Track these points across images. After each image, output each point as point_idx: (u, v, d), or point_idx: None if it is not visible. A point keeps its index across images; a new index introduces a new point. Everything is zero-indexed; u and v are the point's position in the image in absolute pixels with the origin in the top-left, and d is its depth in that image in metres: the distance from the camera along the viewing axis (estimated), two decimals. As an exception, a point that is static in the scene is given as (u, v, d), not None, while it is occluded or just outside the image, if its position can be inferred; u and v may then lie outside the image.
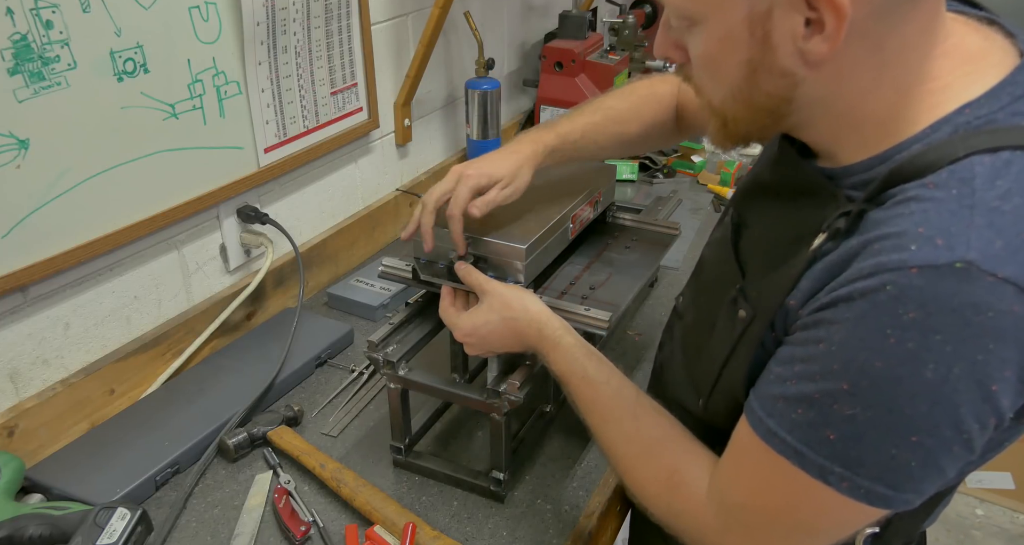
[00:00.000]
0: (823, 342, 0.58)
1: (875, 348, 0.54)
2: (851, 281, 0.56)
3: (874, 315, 0.54)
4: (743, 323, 0.69)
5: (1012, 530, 2.31)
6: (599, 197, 1.12)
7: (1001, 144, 0.55)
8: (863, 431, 0.56)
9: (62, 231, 0.97)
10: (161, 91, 1.04)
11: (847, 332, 0.56)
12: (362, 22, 1.36)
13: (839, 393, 0.57)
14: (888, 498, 0.57)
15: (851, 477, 0.57)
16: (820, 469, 0.58)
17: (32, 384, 0.99)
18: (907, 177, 0.57)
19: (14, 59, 0.87)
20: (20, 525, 0.85)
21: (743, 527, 0.67)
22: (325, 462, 0.98)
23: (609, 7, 2.15)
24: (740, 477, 0.67)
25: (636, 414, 0.77)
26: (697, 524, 0.70)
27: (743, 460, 0.66)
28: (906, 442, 0.55)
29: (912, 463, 0.56)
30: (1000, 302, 0.51)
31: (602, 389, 0.80)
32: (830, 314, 0.58)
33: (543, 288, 1.00)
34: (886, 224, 0.56)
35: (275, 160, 1.26)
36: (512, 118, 1.99)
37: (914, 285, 0.52)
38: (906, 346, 0.53)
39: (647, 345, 1.25)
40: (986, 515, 2.36)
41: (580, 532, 0.92)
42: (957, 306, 0.52)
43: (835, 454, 0.58)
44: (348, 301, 1.34)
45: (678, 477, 0.72)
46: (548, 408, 1.07)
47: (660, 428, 0.76)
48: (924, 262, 0.52)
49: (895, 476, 0.57)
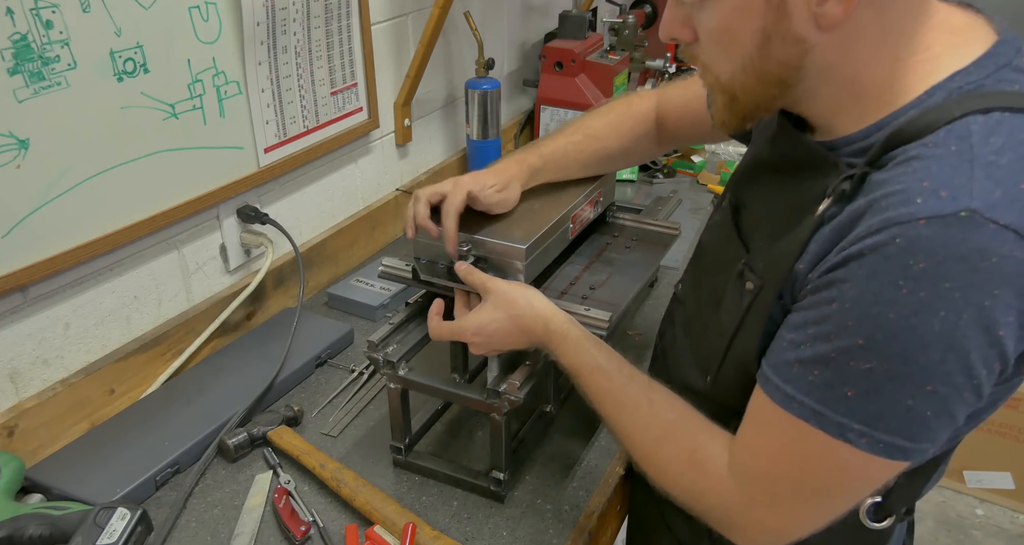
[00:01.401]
0: (836, 301, 0.60)
1: (888, 300, 0.57)
2: (860, 238, 0.58)
3: (885, 268, 0.57)
4: (751, 294, 0.71)
5: (1012, 530, 2.31)
6: (599, 197, 1.12)
7: (992, 105, 0.59)
8: (880, 385, 0.58)
9: (62, 231, 0.97)
10: (161, 91, 1.04)
11: (860, 288, 0.58)
12: (362, 22, 1.36)
13: (855, 349, 0.58)
14: (907, 450, 0.60)
15: (870, 432, 0.60)
16: (840, 427, 0.60)
17: (32, 384, 0.99)
18: (906, 139, 0.60)
19: (14, 59, 0.87)
20: (20, 525, 0.85)
21: (768, 496, 0.68)
22: (325, 462, 0.98)
23: (609, 7, 2.15)
24: (760, 447, 0.68)
25: (651, 399, 0.78)
26: (722, 500, 0.71)
27: (762, 430, 0.68)
28: (922, 392, 0.57)
29: (928, 412, 0.58)
30: (1002, 247, 0.54)
31: (615, 378, 0.80)
32: (841, 273, 0.60)
33: (543, 288, 1.00)
34: (890, 183, 0.59)
35: (275, 160, 1.26)
36: (512, 118, 1.99)
37: (923, 235, 0.55)
38: (918, 295, 0.55)
39: (647, 345, 1.25)
40: (986, 515, 2.36)
41: (580, 532, 0.92)
42: (965, 253, 0.54)
43: (853, 411, 0.60)
44: (348, 301, 1.34)
45: (699, 455, 0.72)
46: (548, 408, 1.07)
47: (675, 411, 0.77)
48: (931, 213, 0.55)
49: (912, 427, 0.59)
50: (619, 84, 1.90)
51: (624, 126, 1.05)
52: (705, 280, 0.86)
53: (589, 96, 1.81)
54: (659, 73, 2.03)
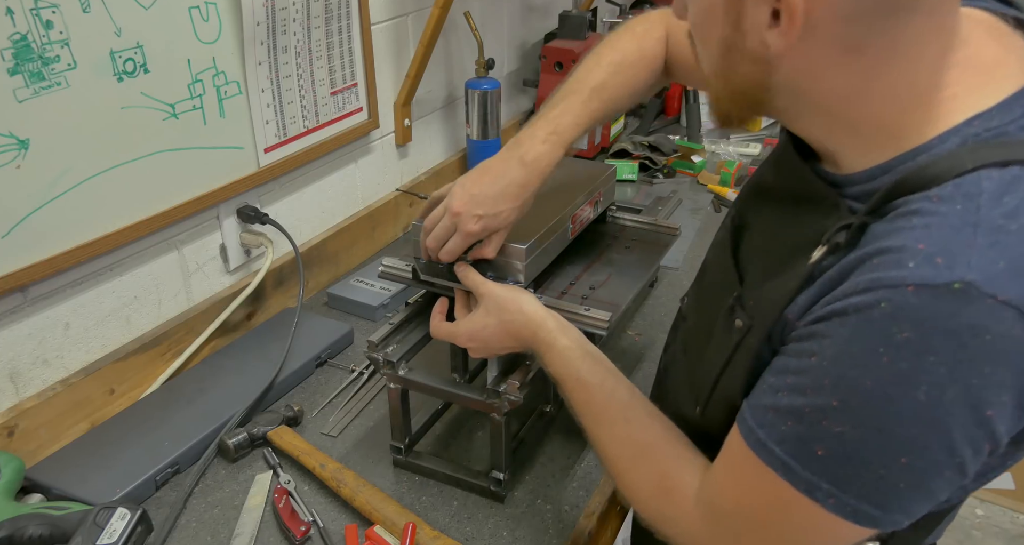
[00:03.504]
0: (815, 355, 0.56)
1: (866, 366, 0.53)
2: (846, 295, 0.55)
3: (867, 332, 0.53)
4: (740, 333, 0.68)
5: (1012, 530, 2.31)
6: (599, 197, 1.12)
7: (1011, 158, 0.53)
8: (851, 449, 0.55)
9: (62, 231, 0.97)
10: (161, 91, 1.04)
11: (839, 348, 0.55)
12: (362, 22, 1.36)
13: (829, 409, 0.55)
14: (875, 518, 0.56)
15: (838, 495, 0.56)
16: (807, 484, 0.57)
17: (32, 384, 0.99)
18: (911, 189, 0.55)
19: (14, 59, 0.87)
20: (20, 525, 0.85)
21: (731, 535, 0.66)
22: (325, 462, 0.98)
23: (609, 7, 2.15)
24: (729, 485, 0.65)
25: (627, 417, 0.76)
26: (685, 530, 0.69)
27: (733, 468, 0.65)
28: (895, 463, 0.54)
29: (901, 485, 0.55)
30: (999, 325, 0.49)
31: (594, 391, 0.79)
32: (824, 328, 0.56)
33: (543, 288, 1.00)
34: (886, 238, 0.54)
35: (275, 160, 1.26)
36: (512, 118, 1.99)
37: (910, 304, 0.51)
38: (899, 366, 0.51)
39: (647, 345, 1.25)
40: (986, 515, 2.36)
41: (580, 532, 0.92)
42: (954, 328, 0.50)
43: (823, 470, 0.56)
44: (348, 301, 1.34)
45: (668, 482, 0.71)
46: (548, 408, 1.07)
47: (651, 432, 0.75)
48: (921, 281, 0.50)
49: (883, 497, 0.55)
50: (619, 84, 1.90)
51: (639, 80, 0.97)
52: (703, 303, 0.84)
53: (589, 96, 1.81)
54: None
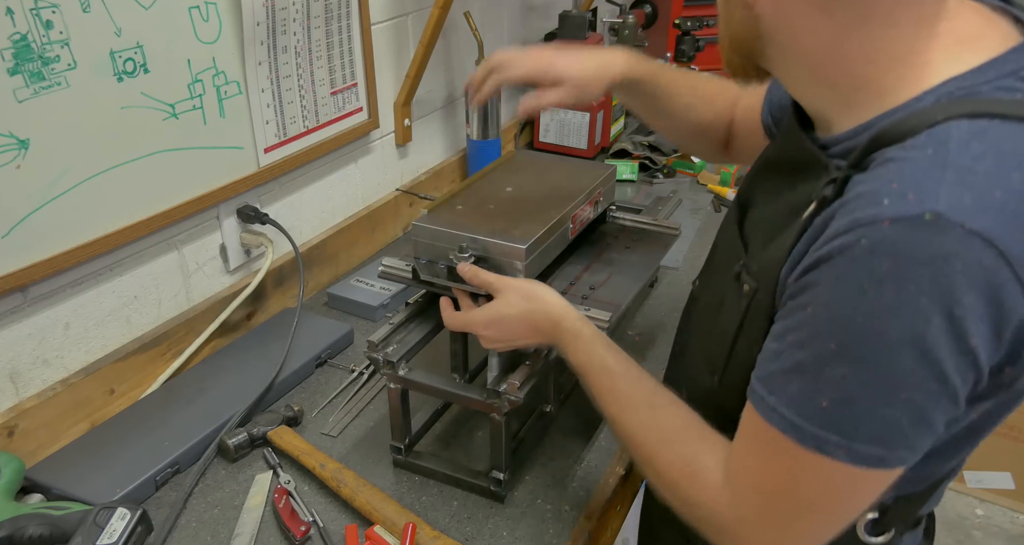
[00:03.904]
0: (810, 306, 0.59)
1: (855, 304, 0.56)
2: (829, 240, 0.58)
3: (851, 270, 0.56)
4: (748, 296, 0.71)
5: (1012, 530, 2.31)
6: (599, 197, 1.12)
7: (980, 111, 0.57)
8: (854, 393, 0.57)
9: (62, 231, 0.97)
10: (161, 91, 1.04)
11: (829, 291, 0.58)
12: (362, 22, 1.36)
13: (828, 355, 0.58)
14: (884, 458, 0.59)
15: (847, 444, 0.58)
16: (816, 440, 0.59)
17: (32, 384, 0.99)
18: (888, 141, 0.59)
19: (14, 59, 0.87)
20: (20, 525, 0.85)
21: (756, 513, 0.67)
22: (325, 462, 0.98)
23: (609, 7, 2.15)
24: (750, 461, 0.67)
25: (653, 404, 0.77)
26: (714, 513, 0.70)
27: (750, 443, 0.67)
28: (896, 400, 0.56)
29: (903, 421, 0.57)
30: (968, 253, 0.52)
31: (620, 380, 0.80)
32: (813, 276, 0.59)
33: (543, 288, 1.00)
34: (864, 184, 0.58)
35: (275, 160, 1.26)
36: (512, 118, 1.99)
37: (887, 237, 0.54)
38: (884, 299, 0.54)
39: (647, 345, 1.25)
40: (986, 515, 2.36)
41: (580, 532, 0.92)
42: (927, 257, 0.53)
43: (829, 422, 0.59)
44: (348, 301, 1.34)
45: (695, 465, 0.72)
46: (548, 408, 1.07)
47: (677, 418, 0.76)
48: (896, 215, 0.54)
49: (888, 435, 0.58)
50: (619, 84, 1.90)
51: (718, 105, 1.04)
52: (713, 278, 0.86)
53: (589, 96, 1.81)
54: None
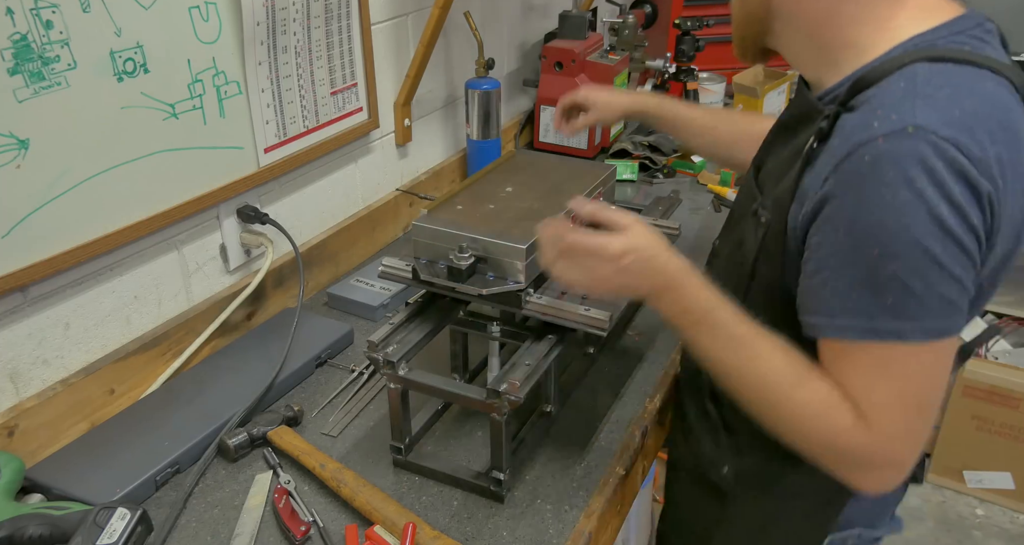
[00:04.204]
0: (838, 230, 0.72)
1: (880, 209, 0.69)
2: (836, 168, 0.72)
3: (865, 184, 0.69)
4: (765, 226, 0.84)
5: (1012, 530, 2.31)
6: (599, 197, 1.12)
7: (938, 56, 0.72)
8: (908, 282, 0.69)
9: (62, 231, 0.97)
10: (161, 91, 1.04)
11: (852, 209, 0.70)
12: (362, 22, 1.36)
13: (874, 259, 0.70)
14: (948, 327, 0.72)
15: (920, 327, 0.71)
16: (896, 332, 0.71)
17: (32, 384, 0.99)
18: (868, 83, 0.74)
19: (14, 59, 0.87)
20: (20, 525, 0.85)
21: (890, 425, 0.75)
22: (325, 462, 0.98)
23: (609, 7, 2.15)
24: (856, 386, 0.75)
25: (776, 346, 0.80)
26: (854, 440, 0.76)
27: (844, 372, 0.76)
28: (941, 275, 0.69)
29: (951, 291, 0.70)
30: (944, 153, 0.67)
31: (744, 328, 0.81)
32: (830, 209, 0.72)
33: (543, 288, 1.00)
34: (853, 120, 0.73)
35: (275, 160, 1.26)
36: (512, 118, 1.99)
37: (884, 150, 0.69)
38: (900, 197, 0.68)
39: (647, 345, 1.25)
40: (986, 515, 2.36)
41: (580, 532, 0.92)
42: (918, 159, 0.67)
43: (899, 314, 0.71)
44: (348, 301, 1.34)
45: (833, 398, 0.76)
46: (548, 408, 1.07)
47: (803, 360, 0.79)
48: (885, 131, 0.69)
49: (946, 307, 0.71)
50: (619, 84, 1.90)
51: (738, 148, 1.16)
52: (734, 230, 0.96)
53: (589, 96, 1.81)
54: (659, 73, 2.03)
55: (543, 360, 0.93)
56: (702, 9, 2.24)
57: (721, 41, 2.24)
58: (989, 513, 2.37)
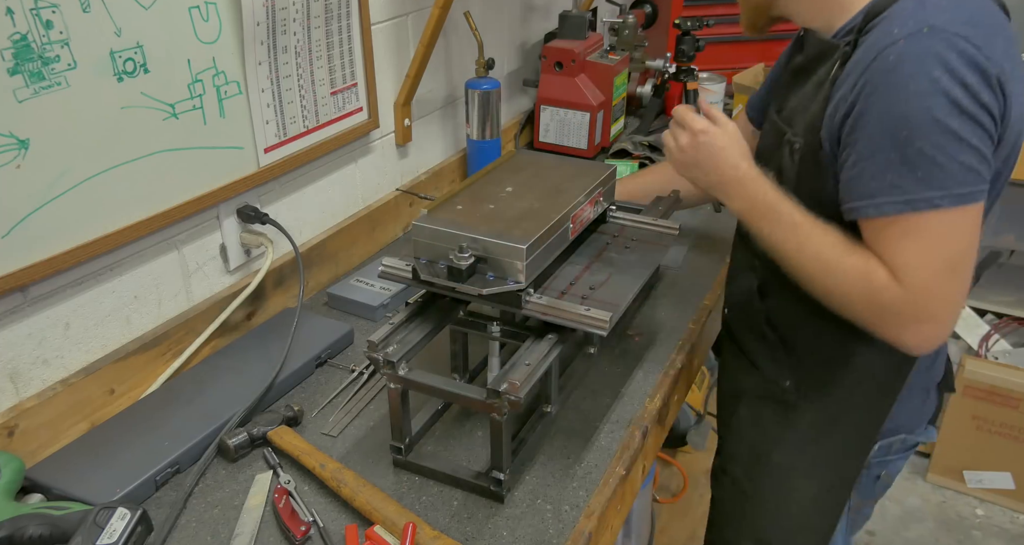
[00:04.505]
0: (871, 122, 0.87)
1: (903, 97, 0.84)
2: (864, 70, 0.88)
3: (893, 79, 0.85)
4: (799, 150, 0.99)
5: (1012, 530, 2.31)
6: (599, 197, 1.12)
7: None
8: (934, 155, 0.84)
9: (62, 231, 0.97)
10: (161, 91, 1.04)
11: (882, 100, 0.86)
12: (362, 22, 1.36)
13: (902, 140, 0.85)
14: (973, 193, 0.86)
15: (948, 194, 0.85)
16: (927, 202, 0.85)
17: (32, 384, 0.99)
18: (879, 10, 0.90)
19: (14, 59, 0.87)
20: (20, 525, 0.85)
21: (922, 288, 0.89)
22: (325, 462, 0.98)
23: (609, 7, 2.15)
24: (903, 257, 0.89)
25: (826, 229, 0.96)
26: (895, 296, 0.90)
27: (884, 243, 0.90)
28: (965, 149, 0.84)
29: (974, 162, 0.85)
30: (955, 46, 0.83)
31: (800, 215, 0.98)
32: (862, 100, 0.88)
33: (543, 288, 1.00)
34: (874, 35, 0.89)
35: (275, 160, 1.26)
36: (512, 118, 1.99)
37: (905, 49, 0.85)
38: (921, 86, 0.83)
39: (647, 345, 1.25)
40: (986, 515, 2.36)
41: (580, 532, 0.92)
42: (936, 52, 0.83)
43: (930, 184, 0.85)
44: (348, 301, 1.34)
45: (872, 264, 0.91)
46: (548, 408, 1.07)
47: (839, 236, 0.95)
48: (905, 33, 0.85)
49: (968, 175, 0.85)
50: (619, 84, 1.90)
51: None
52: (767, 165, 1.05)
53: (589, 96, 1.81)
54: (659, 73, 2.03)
55: (543, 360, 0.93)
56: (702, 9, 2.24)
57: (721, 41, 2.24)
58: (989, 513, 2.37)
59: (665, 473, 2.37)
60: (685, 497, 2.29)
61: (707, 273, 1.45)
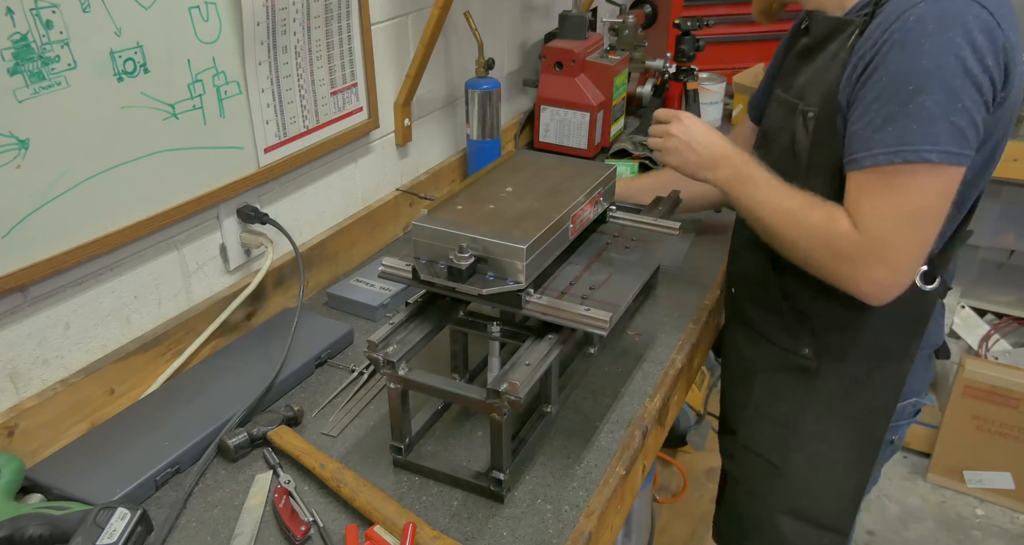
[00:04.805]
0: (884, 74, 0.93)
1: (918, 53, 0.90)
2: (886, 29, 0.93)
3: (910, 36, 0.91)
4: (814, 119, 1.04)
5: (1012, 530, 2.31)
6: (599, 197, 1.12)
7: None
8: (932, 110, 0.90)
9: (62, 231, 0.97)
10: (161, 91, 1.04)
11: (897, 55, 0.91)
12: (362, 22, 1.36)
13: (908, 93, 0.91)
14: (959, 154, 0.92)
15: (935, 149, 0.91)
16: (918, 153, 0.91)
17: (32, 384, 1.00)
18: None
19: (14, 59, 0.87)
20: (20, 525, 0.85)
21: (882, 236, 0.96)
22: (325, 462, 0.98)
23: (609, 7, 2.15)
24: (866, 206, 0.96)
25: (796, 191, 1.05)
26: (852, 243, 0.98)
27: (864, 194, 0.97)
28: (959, 110, 0.90)
29: (964, 125, 0.91)
30: (971, 9, 0.90)
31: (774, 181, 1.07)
32: (878, 58, 0.93)
33: (543, 288, 1.00)
34: (892, 3, 0.94)
35: (275, 160, 1.26)
36: (512, 118, 1.99)
37: (926, 10, 0.90)
38: (935, 45, 0.89)
39: (647, 345, 1.25)
40: (986, 515, 2.36)
41: (580, 532, 0.92)
42: (954, 15, 0.89)
43: (923, 138, 0.91)
44: (348, 301, 1.34)
45: (835, 215, 1.00)
46: (548, 408, 1.07)
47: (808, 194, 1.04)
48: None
49: (959, 137, 0.91)
50: (619, 84, 1.90)
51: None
52: (775, 144, 1.14)
53: (589, 96, 1.81)
54: (659, 73, 2.03)
55: (543, 360, 0.93)
56: (702, 9, 2.24)
57: (721, 41, 2.25)
58: (989, 513, 2.37)
59: (665, 473, 2.37)
60: (685, 497, 2.29)
61: (707, 273, 1.45)
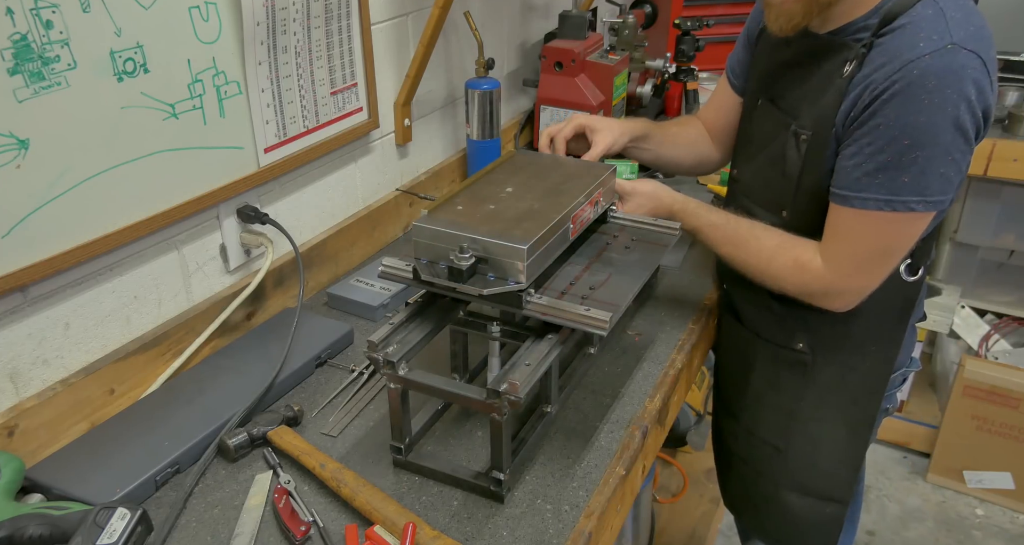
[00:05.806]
0: (881, 124, 0.96)
1: (918, 110, 0.94)
2: (887, 78, 0.96)
3: (912, 91, 0.94)
4: (806, 142, 1.08)
5: (1012, 530, 2.31)
6: (599, 197, 1.12)
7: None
8: (924, 165, 0.96)
9: (62, 231, 0.97)
10: (161, 91, 1.04)
11: (897, 107, 0.95)
12: (362, 22, 1.36)
13: (903, 148, 0.96)
14: (943, 201, 0.99)
15: (924, 200, 0.98)
16: (905, 203, 0.98)
17: (32, 384, 1.00)
18: (896, 14, 0.98)
19: (14, 59, 0.87)
20: (20, 525, 0.85)
21: (854, 269, 1.06)
22: (325, 462, 0.98)
23: (609, 7, 2.15)
24: (841, 245, 1.05)
25: (755, 235, 1.14)
26: (822, 283, 1.08)
27: (845, 232, 1.04)
28: (948, 162, 0.96)
29: (952, 174, 0.97)
30: (970, 63, 0.94)
31: (727, 227, 1.16)
32: (879, 104, 0.96)
33: (543, 288, 1.00)
34: (896, 41, 0.97)
35: (275, 160, 1.26)
36: (512, 118, 1.99)
37: (931, 65, 0.93)
38: (934, 102, 0.93)
39: (647, 345, 1.25)
40: (986, 515, 2.36)
41: (580, 532, 0.92)
42: (954, 70, 0.93)
43: (913, 189, 0.97)
44: (348, 301, 1.34)
45: (800, 261, 1.09)
46: (548, 408, 1.07)
47: (774, 237, 1.13)
48: (931, 49, 0.94)
49: (946, 185, 0.98)
50: (619, 84, 1.90)
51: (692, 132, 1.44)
52: (761, 154, 1.19)
53: (589, 96, 1.81)
54: (659, 73, 2.03)
55: (543, 360, 0.93)
56: (702, 9, 2.24)
57: (721, 41, 2.24)
58: (989, 513, 2.37)
59: (665, 473, 2.37)
60: (685, 497, 2.29)
61: (707, 273, 1.45)
